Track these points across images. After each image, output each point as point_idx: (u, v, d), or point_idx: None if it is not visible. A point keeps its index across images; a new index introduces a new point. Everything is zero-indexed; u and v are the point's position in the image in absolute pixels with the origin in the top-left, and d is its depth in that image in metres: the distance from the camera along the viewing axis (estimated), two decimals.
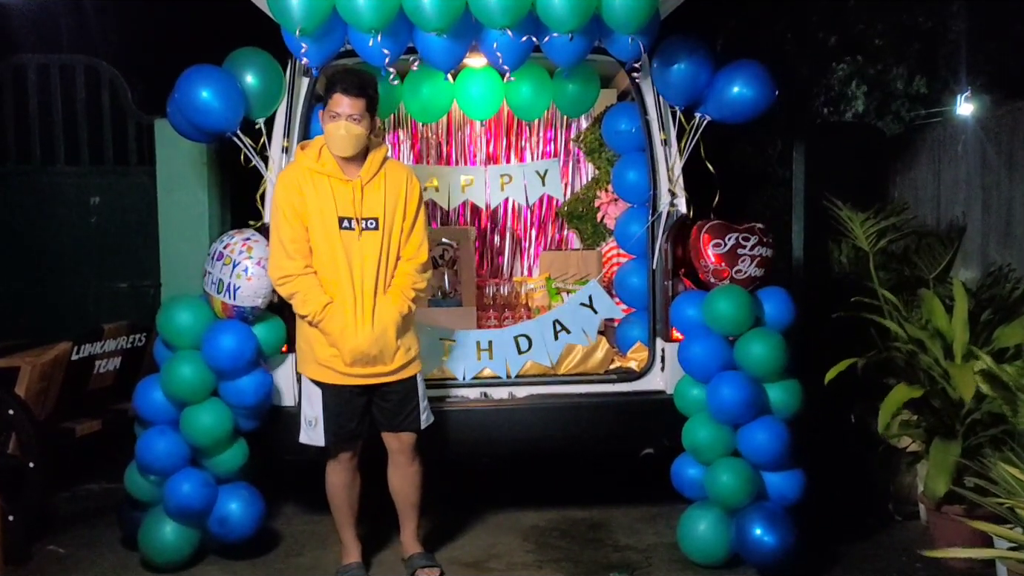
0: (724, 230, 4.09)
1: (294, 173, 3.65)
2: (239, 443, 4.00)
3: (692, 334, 4.06)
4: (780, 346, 3.87)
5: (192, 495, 3.83)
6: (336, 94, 3.51)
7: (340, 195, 3.57)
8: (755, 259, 4.05)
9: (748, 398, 3.80)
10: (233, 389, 3.90)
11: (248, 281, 3.83)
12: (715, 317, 3.94)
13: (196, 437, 3.87)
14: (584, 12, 3.53)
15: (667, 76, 4.19)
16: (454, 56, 3.82)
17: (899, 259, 5.06)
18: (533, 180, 5.28)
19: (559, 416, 4.25)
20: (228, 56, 4.13)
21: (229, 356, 3.81)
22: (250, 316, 3.91)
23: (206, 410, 3.88)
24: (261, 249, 3.88)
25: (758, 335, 3.90)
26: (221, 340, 3.82)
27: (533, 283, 5.01)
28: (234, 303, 3.85)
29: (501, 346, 4.34)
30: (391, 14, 3.54)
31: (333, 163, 3.59)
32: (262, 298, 3.89)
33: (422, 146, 5.46)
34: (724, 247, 4.04)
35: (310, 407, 3.72)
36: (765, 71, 4.22)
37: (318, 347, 3.65)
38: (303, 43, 3.72)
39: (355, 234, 3.57)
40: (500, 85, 4.63)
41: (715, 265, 4.04)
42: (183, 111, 4.07)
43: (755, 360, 3.86)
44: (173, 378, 3.85)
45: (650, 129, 4.33)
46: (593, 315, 4.44)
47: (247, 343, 3.86)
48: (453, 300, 4.82)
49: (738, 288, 3.97)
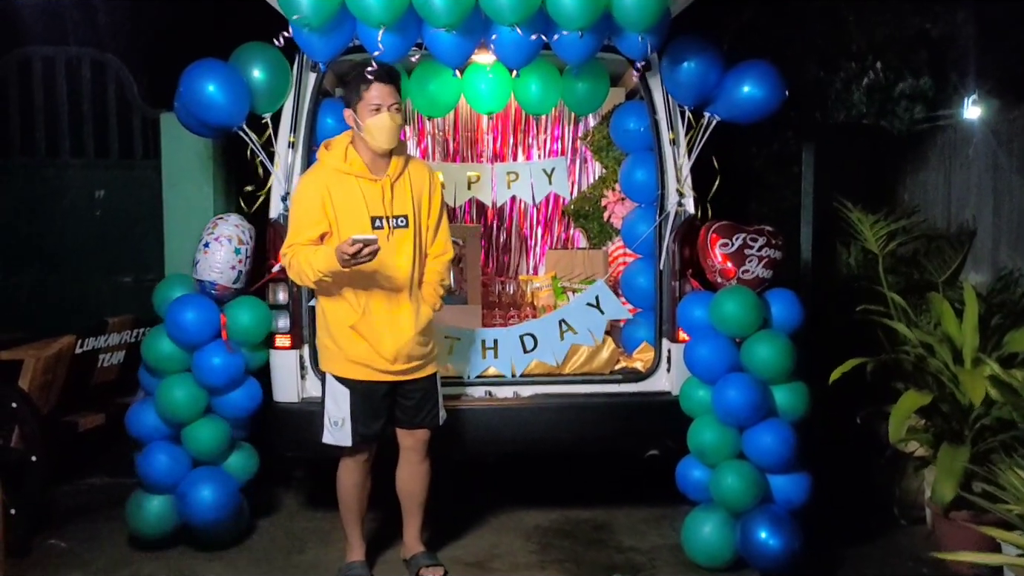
0: (732, 230, 4.06)
1: (321, 175, 3.56)
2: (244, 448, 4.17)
3: (698, 335, 4.03)
4: (787, 348, 3.84)
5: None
6: (375, 84, 3.44)
7: (370, 195, 3.52)
8: (763, 260, 4.02)
9: (754, 400, 3.77)
10: (225, 403, 4.08)
11: (205, 255, 4.00)
12: (722, 318, 3.91)
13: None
14: (594, 10, 3.50)
15: (676, 75, 4.17)
16: (463, 53, 3.79)
17: (908, 262, 5.03)
18: (540, 178, 5.28)
19: (564, 416, 4.23)
20: (234, 51, 4.14)
21: (191, 328, 3.95)
22: (211, 291, 4.04)
23: (181, 385, 4.07)
24: (226, 226, 4.04)
25: (765, 337, 3.87)
26: (182, 312, 3.97)
27: (539, 282, 4.99)
28: (196, 277, 4.04)
29: (506, 345, 4.33)
30: (401, 9, 3.51)
31: (360, 163, 3.54)
32: (218, 272, 3.99)
33: (428, 142, 5.44)
34: (731, 247, 4.02)
35: (336, 407, 3.65)
36: (775, 71, 4.21)
37: (349, 344, 3.59)
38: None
39: (385, 233, 3.51)
40: (508, 80, 4.60)
41: (722, 265, 4.01)
42: (188, 106, 4.08)
43: (762, 362, 3.83)
44: (151, 351, 4.07)
45: (658, 128, 4.33)
46: (600, 315, 4.42)
47: (206, 315, 3.97)
48: (459, 298, 4.80)
49: (745, 289, 3.94)
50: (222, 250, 4.03)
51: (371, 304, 3.56)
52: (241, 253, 4.09)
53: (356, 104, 3.51)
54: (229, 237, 4.07)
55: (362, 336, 3.57)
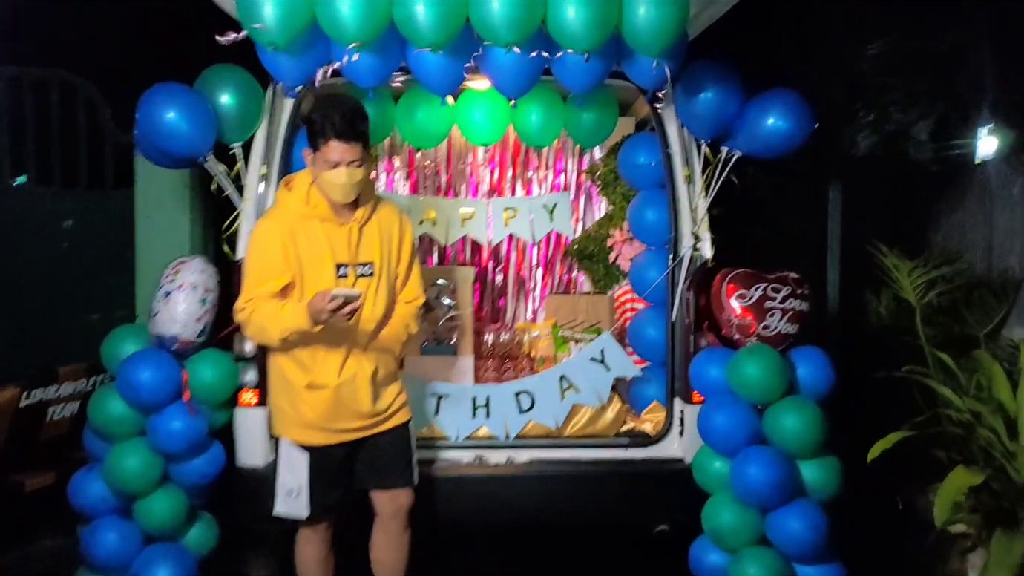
0: (751, 279, 3.71)
1: (282, 218, 3.22)
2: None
3: (714, 399, 3.63)
4: (817, 418, 3.42)
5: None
6: (331, 141, 3.08)
7: (335, 240, 3.22)
8: (787, 313, 3.66)
9: (779, 479, 3.36)
10: (184, 470, 3.68)
11: (165, 305, 3.59)
12: (742, 382, 3.49)
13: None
14: (603, 28, 3.07)
15: (692, 105, 3.85)
16: (452, 78, 3.37)
17: (947, 312, 4.60)
18: (540, 215, 4.93)
19: (564, 485, 3.91)
20: (201, 74, 3.85)
21: (147, 389, 3.52)
22: (171, 346, 3.61)
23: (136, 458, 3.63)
24: (189, 272, 3.64)
25: (791, 405, 3.45)
26: (136, 370, 3.53)
27: (537, 330, 4.64)
28: (154, 331, 3.61)
29: (500, 403, 4.01)
30: (380, 26, 3.10)
31: (325, 205, 3.23)
32: (181, 325, 3.60)
33: (419, 175, 5.08)
34: (750, 299, 3.67)
35: (292, 475, 3.31)
36: (802, 102, 3.89)
37: (306, 406, 3.26)
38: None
39: (350, 281, 3.22)
40: (506, 108, 4.30)
41: (740, 319, 3.60)
42: (147, 135, 3.77)
43: (788, 434, 3.42)
44: (100, 413, 3.63)
45: (672, 163, 4.02)
46: (605, 372, 4.08)
47: (165, 373, 3.54)
48: (448, 347, 4.40)
49: (767, 348, 3.53)
50: (186, 300, 3.64)
51: (329, 359, 3.24)
52: (207, 303, 3.73)
53: (315, 152, 3.15)
54: (194, 285, 3.69)
55: (319, 396, 3.25)
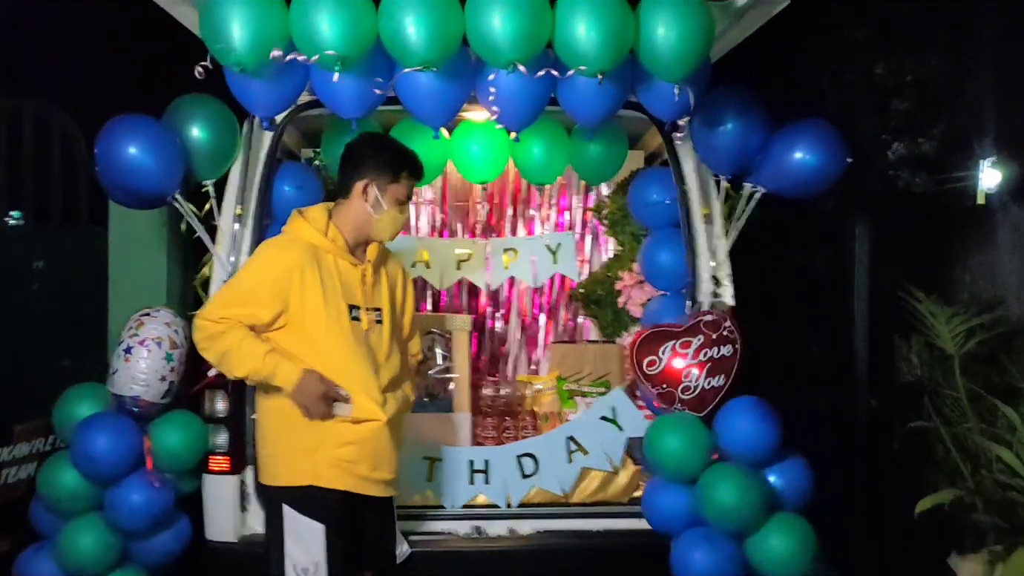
0: (656, 340, 3.50)
1: (295, 249, 2.99)
2: None
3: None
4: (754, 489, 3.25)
5: None
6: (409, 179, 3.09)
7: (349, 280, 3.05)
8: (705, 366, 3.46)
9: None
10: (146, 548, 3.41)
11: (126, 363, 3.34)
12: (659, 461, 3.41)
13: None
14: (618, 46, 2.72)
15: (710, 138, 3.57)
16: (447, 106, 3.04)
17: (985, 361, 4.33)
18: (543, 256, 4.60)
19: (572, 560, 3.63)
20: (170, 105, 3.61)
21: (104, 458, 3.25)
22: (132, 407, 3.37)
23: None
24: (154, 325, 3.38)
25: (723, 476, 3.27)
26: (91, 437, 3.25)
27: (541, 383, 4.30)
28: (113, 391, 3.37)
29: (500, 467, 3.73)
30: (365, 42, 2.76)
31: (343, 241, 3.08)
32: (143, 385, 3.33)
33: (410, 213, 4.72)
34: (660, 364, 3.46)
35: (303, 549, 2.92)
36: (835, 133, 3.60)
37: (328, 441, 2.93)
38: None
39: (363, 327, 3.03)
40: (505, 142, 3.99)
41: (659, 390, 3.47)
42: (107, 172, 3.49)
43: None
44: (51, 485, 3.36)
45: (688, 201, 3.74)
46: (617, 433, 3.74)
47: (125, 440, 3.27)
48: (442, 404, 4.06)
49: (681, 418, 3.40)
50: (149, 357, 3.38)
51: (365, 392, 2.99)
52: (173, 359, 3.45)
53: (384, 184, 3.05)
54: (158, 339, 3.42)
55: (365, 431, 2.97)
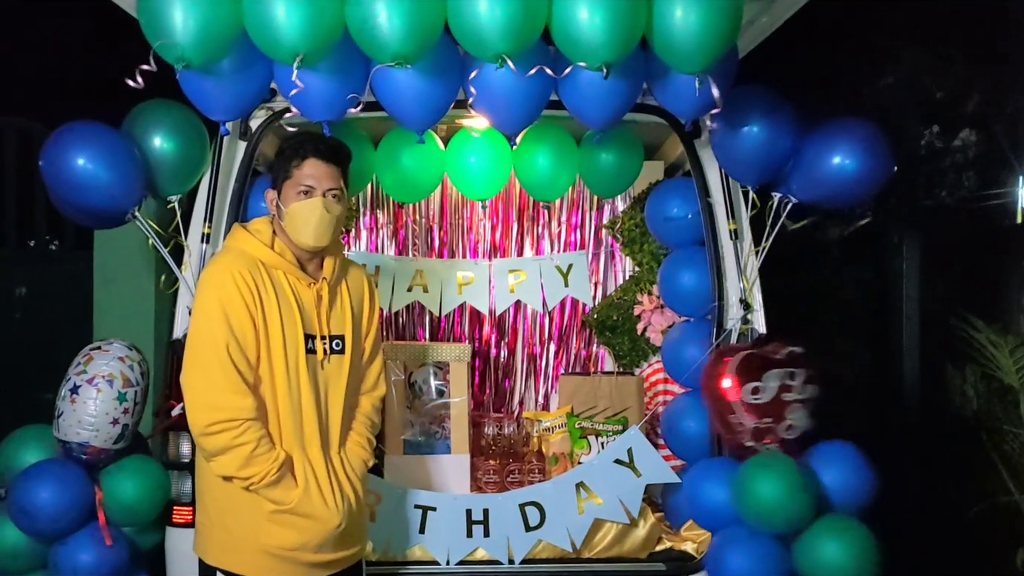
0: (760, 364, 3.01)
1: (239, 264, 2.57)
2: None
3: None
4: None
5: None
6: (309, 159, 2.60)
7: (303, 302, 2.66)
8: (806, 405, 3.03)
9: None
10: None
11: (72, 404, 2.98)
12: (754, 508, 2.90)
13: None
14: (627, 33, 2.31)
15: (733, 143, 3.23)
16: (429, 105, 2.66)
17: None
18: (552, 278, 4.30)
19: None
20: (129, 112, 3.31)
21: (47, 513, 2.88)
22: (80, 454, 3.01)
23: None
24: (104, 360, 3.01)
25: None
26: (32, 489, 2.89)
27: (549, 420, 3.92)
28: (58, 436, 3.01)
29: (502, 518, 3.34)
30: (328, 33, 2.37)
31: (291, 256, 2.67)
32: (90, 430, 2.98)
33: (407, 233, 4.47)
34: (766, 392, 2.98)
35: None
36: (879, 135, 3.23)
37: (264, 527, 2.55)
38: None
39: (319, 358, 2.66)
40: (507, 153, 3.65)
41: (758, 424, 2.97)
42: (55, 186, 3.16)
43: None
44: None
45: (713, 216, 3.43)
46: (635, 479, 3.32)
47: (71, 492, 2.91)
48: (439, 444, 3.69)
49: (784, 461, 2.92)
50: (99, 397, 2.99)
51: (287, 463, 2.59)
52: (127, 400, 3.05)
53: (282, 183, 2.65)
54: (109, 377, 3.02)
55: (277, 504, 2.56)
